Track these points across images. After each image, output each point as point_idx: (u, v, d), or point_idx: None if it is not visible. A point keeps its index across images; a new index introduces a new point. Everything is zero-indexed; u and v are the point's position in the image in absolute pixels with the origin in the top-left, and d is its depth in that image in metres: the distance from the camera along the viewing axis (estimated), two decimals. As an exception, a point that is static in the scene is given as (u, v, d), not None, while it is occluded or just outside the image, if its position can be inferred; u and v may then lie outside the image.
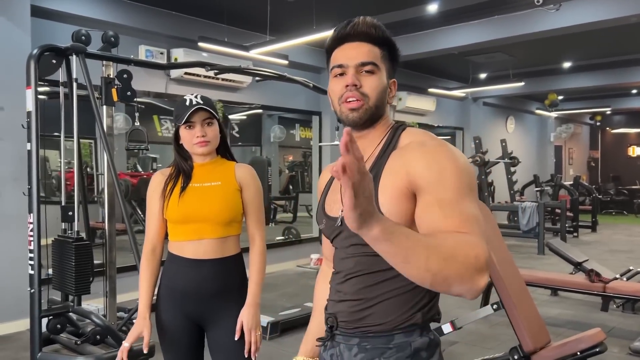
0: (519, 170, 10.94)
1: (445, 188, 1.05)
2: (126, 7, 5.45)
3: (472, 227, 1.00)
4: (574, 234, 10.09)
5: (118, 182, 3.68)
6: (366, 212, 0.84)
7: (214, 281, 1.91)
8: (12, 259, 4.40)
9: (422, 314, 1.16)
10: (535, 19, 5.96)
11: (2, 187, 4.45)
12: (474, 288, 0.95)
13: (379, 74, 1.20)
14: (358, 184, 0.80)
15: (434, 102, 9.67)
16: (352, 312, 1.19)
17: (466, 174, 1.08)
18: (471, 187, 1.08)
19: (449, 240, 0.96)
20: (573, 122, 15.47)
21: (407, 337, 1.15)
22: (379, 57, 1.21)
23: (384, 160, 1.17)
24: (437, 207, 1.04)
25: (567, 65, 9.36)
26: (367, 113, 1.20)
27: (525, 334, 2.92)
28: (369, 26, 1.20)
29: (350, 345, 1.19)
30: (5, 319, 4.39)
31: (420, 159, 1.10)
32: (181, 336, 1.95)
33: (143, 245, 2.00)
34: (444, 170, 1.07)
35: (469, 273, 0.93)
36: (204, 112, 1.90)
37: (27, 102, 3.48)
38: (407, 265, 0.91)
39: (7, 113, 4.44)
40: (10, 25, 4.51)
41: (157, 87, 5.92)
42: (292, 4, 5.47)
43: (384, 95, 1.22)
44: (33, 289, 3.39)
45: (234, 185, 1.95)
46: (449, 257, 0.92)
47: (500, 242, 3.19)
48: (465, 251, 0.94)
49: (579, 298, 5.41)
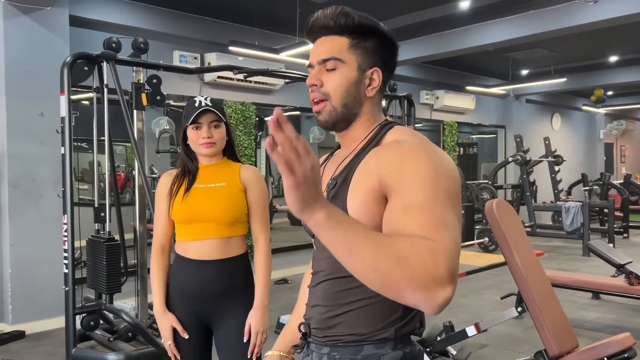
0: (566, 169, 10.58)
1: (416, 191, 0.94)
2: (160, 14, 5.60)
3: (441, 234, 0.88)
4: (624, 235, 9.66)
5: (148, 185, 3.78)
6: (308, 195, 0.80)
7: (219, 281, 1.94)
8: (53, 258, 4.60)
9: (394, 329, 1.07)
10: (573, 12, 5.74)
11: (44, 189, 4.66)
12: (430, 300, 0.83)
13: (342, 69, 1.11)
14: (295, 163, 0.77)
15: (473, 100, 9.48)
16: (322, 319, 1.12)
17: (445, 177, 0.97)
18: (449, 192, 0.96)
19: (405, 242, 0.86)
20: (625, 118, 14.82)
21: (377, 349, 1.07)
22: (346, 48, 1.11)
23: (361, 158, 1.09)
24: (402, 211, 0.94)
25: (614, 59, 8.97)
26: (332, 114, 1.12)
27: (550, 338, 2.82)
28: (328, 18, 1.11)
29: (321, 354, 1.13)
30: (45, 315, 4.59)
31: (394, 159, 1.01)
32: (189, 336, 1.99)
33: (152, 245, 2.06)
34: (417, 172, 0.96)
35: (423, 281, 0.82)
36: (211, 113, 1.94)
37: (61, 108, 3.64)
38: (351, 258, 0.84)
39: (47, 119, 4.64)
40: (51, 36, 4.72)
41: (191, 91, 6.06)
42: (321, 6, 5.46)
43: (354, 89, 1.11)
44: (67, 287, 3.54)
45: (238, 186, 1.98)
46: (400, 257, 0.83)
47: (525, 244, 3.10)
48: (421, 256, 0.84)
49: (621, 302, 5.18)
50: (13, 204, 4.53)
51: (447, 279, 0.84)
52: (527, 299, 2.91)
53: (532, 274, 2.97)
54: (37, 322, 4.56)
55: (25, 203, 4.58)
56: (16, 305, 4.52)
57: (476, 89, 9.27)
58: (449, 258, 0.85)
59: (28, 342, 4.31)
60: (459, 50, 6.77)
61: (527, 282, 2.90)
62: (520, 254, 2.97)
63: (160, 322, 1.99)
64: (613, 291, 4.39)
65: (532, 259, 3.08)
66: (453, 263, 0.86)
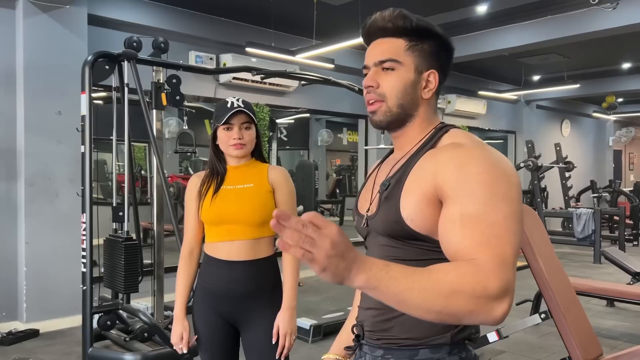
0: (575, 175, 10.54)
1: (472, 199, 0.94)
2: (177, 14, 5.61)
3: (493, 249, 0.90)
4: (633, 243, 9.62)
5: (167, 184, 3.78)
6: (339, 270, 0.81)
7: (246, 282, 1.93)
8: (68, 257, 4.60)
9: (451, 334, 1.06)
10: (591, 19, 5.73)
11: (60, 187, 4.66)
12: (491, 317, 0.88)
13: (400, 70, 1.10)
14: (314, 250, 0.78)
15: (485, 105, 9.46)
16: (376, 322, 1.12)
17: (502, 182, 0.96)
18: (506, 197, 0.95)
19: (451, 275, 0.88)
20: (634, 125, 14.77)
21: (433, 354, 1.06)
22: (403, 50, 1.11)
23: (416, 159, 1.08)
24: (458, 223, 0.95)
25: (627, 67, 8.95)
26: (387, 115, 1.12)
27: (574, 345, 2.80)
28: (386, 20, 1.11)
29: (375, 356, 1.13)
30: (60, 314, 4.58)
31: (450, 162, 1.00)
32: (216, 336, 1.98)
33: (181, 247, 2.05)
34: (473, 177, 0.96)
35: (480, 306, 0.86)
36: (243, 115, 1.93)
37: (82, 107, 3.64)
38: (405, 308, 0.87)
39: (65, 117, 4.65)
40: (69, 34, 4.72)
41: (207, 91, 6.06)
42: (338, 8, 5.49)
43: (411, 91, 1.11)
44: (85, 286, 3.53)
45: (267, 187, 1.96)
46: (451, 294, 0.86)
47: (549, 250, 3.08)
48: (471, 285, 0.86)
49: (637, 310, 5.14)
50: (29, 202, 4.53)
51: (501, 294, 0.87)
52: (552, 306, 2.88)
53: (556, 281, 2.95)
54: (51, 321, 4.55)
55: (41, 201, 4.58)
56: (30, 304, 4.51)
57: (488, 94, 9.25)
58: (502, 274, 0.88)
59: (42, 341, 4.30)
60: (474, 54, 6.76)
61: (551, 289, 2.88)
62: (545, 260, 2.95)
63: (175, 325, 1.99)
64: (632, 299, 4.35)
65: (556, 265, 3.06)
66: (506, 277, 0.88)
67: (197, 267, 2.05)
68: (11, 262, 4.56)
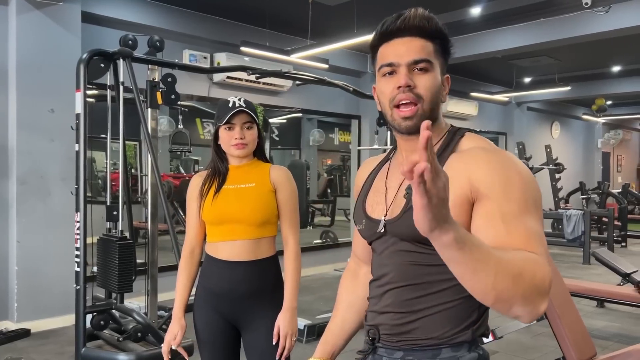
0: (565, 177, 10.64)
1: (510, 200, 0.96)
2: (171, 12, 5.58)
3: (538, 246, 0.93)
4: (622, 244, 9.73)
5: (161, 183, 3.75)
6: (440, 216, 0.78)
7: (248, 283, 1.92)
8: (60, 255, 4.56)
9: (471, 331, 1.09)
10: (583, 22, 5.79)
11: (52, 186, 4.62)
12: (534, 312, 0.89)
13: (433, 72, 1.10)
14: (430, 183, 0.74)
15: (476, 107, 9.52)
16: (395, 324, 1.12)
17: (531, 188, 1.00)
18: (536, 202, 0.99)
19: (519, 258, 0.89)
20: (622, 128, 14.94)
21: (454, 352, 1.08)
22: (432, 52, 1.10)
23: (441, 163, 1.07)
24: (500, 219, 0.96)
25: (616, 69, 9.05)
26: (422, 119, 1.08)
27: (569, 346, 2.82)
28: (421, 19, 1.09)
29: (394, 358, 1.13)
30: (52, 314, 4.55)
31: (485, 165, 1.02)
32: (217, 336, 1.98)
33: (182, 247, 2.04)
34: (509, 180, 0.98)
35: (533, 296, 0.88)
36: (245, 114, 1.92)
37: (76, 105, 3.60)
38: (474, 277, 0.86)
39: (57, 115, 4.61)
40: (62, 31, 4.68)
41: (200, 90, 6.04)
42: (333, 9, 5.49)
43: (439, 94, 1.12)
44: (79, 285, 3.50)
45: (268, 187, 1.96)
46: (517, 275, 0.86)
47: (543, 251, 3.11)
48: (533, 272, 0.88)
49: (627, 310, 5.20)
50: (21, 200, 4.49)
51: (548, 291, 0.90)
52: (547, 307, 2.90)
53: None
54: (43, 321, 4.51)
55: (33, 200, 4.54)
56: (22, 303, 4.47)
57: (480, 96, 9.31)
58: (548, 270, 0.91)
59: (34, 341, 4.26)
60: (467, 56, 6.79)
61: (546, 290, 2.90)
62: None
63: (172, 324, 1.97)
64: (622, 300, 4.40)
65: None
66: (551, 275, 0.91)
67: (198, 267, 2.04)
68: (2, 261, 4.51)
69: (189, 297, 2.02)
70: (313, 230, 9.37)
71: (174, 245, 3.53)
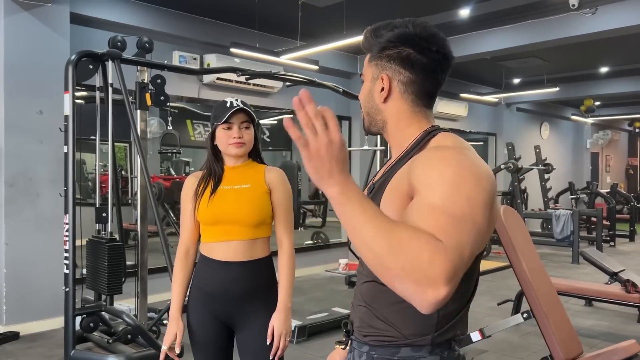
0: (554, 177, 10.72)
1: (436, 193, 0.94)
2: (161, 13, 5.57)
3: (447, 237, 0.87)
4: (610, 243, 9.83)
5: (151, 185, 3.75)
6: (322, 170, 0.87)
7: (242, 283, 1.93)
8: (49, 258, 4.53)
9: (431, 337, 1.07)
10: (571, 23, 5.84)
11: (40, 188, 4.59)
12: (418, 295, 0.84)
13: (366, 82, 1.21)
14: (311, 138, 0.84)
15: (466, 108, 9.57)
16: (364, 318, 1.15)
17: (470, 184, 0.95)
18: (471, 198, 0.93)
19: (408, 233, 0.86)
20: (610, 128, 15.08)
21: (414, 352, 1.08)
22: (367, 63, 1.20)
23: (401, 163, 1.10)
24: (417, 208, 0.94)
25: (604, 71, 9.14)
26: (365, 122, 1.23)
27: (556, 344, 2.85)
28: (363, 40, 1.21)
29: (361, 352, 1.16)
30: (41, 316, 4.52)
31: (424, 162, 1.02)
32: (210, 336, 1.98)
33: (177, 247, 2.04)
34: (440, 175, 0.96)
35: (414, 274, 0.83)
36: (243, 114, 1.94)
37: (65, 106, 3.59)
38: (352, 235, 0.90)
39: (46, 117, 4.58)
40: (51, 32, 4.66)
41: (190, 92, 6.03)
42: (323, 10, 5.50)
43: (370, 99, 1.19)
44: (68, 287, 3.48)
45: (263, 188, 1.97)
46: (396, 245, 0.84)
47: (531, 250, 3.14)
48: (419, 250, 0.84)
49: (615, 309, 5.25)
50: (9, 202, 4.46)
51: (441, 280, 0.82)
52: (534, 306, 2.94)
53: (539, 281, 3.00)
54: (32, 323, 4.48)
55: (21, 202, 4.51)
56: (10, 306, 4.44)
57: (470, 97, 9.36)
58: (449, 260, 0.84)
59: (23, 344, 4.23)
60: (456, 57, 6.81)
61: (534, 289, 2.93)
62: (527, 261, 3.00)
63: (170, 326, 1.97)
64: (610, 298, 4.44)
65: (539, 266, 3.11)
66: (453, 266, 0.84)
67: (193, 267, 2.04)
68: (-10, 264, 4.48)
69: (186, 298, 2.03)
70: (304, 231, 9.38)
71: (163, 247, 3.52)
